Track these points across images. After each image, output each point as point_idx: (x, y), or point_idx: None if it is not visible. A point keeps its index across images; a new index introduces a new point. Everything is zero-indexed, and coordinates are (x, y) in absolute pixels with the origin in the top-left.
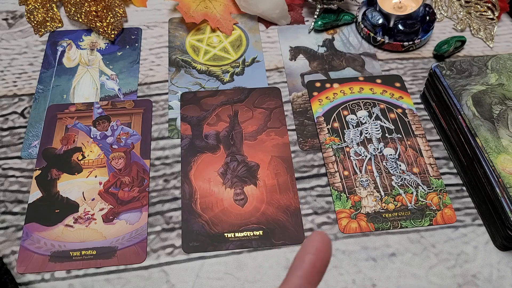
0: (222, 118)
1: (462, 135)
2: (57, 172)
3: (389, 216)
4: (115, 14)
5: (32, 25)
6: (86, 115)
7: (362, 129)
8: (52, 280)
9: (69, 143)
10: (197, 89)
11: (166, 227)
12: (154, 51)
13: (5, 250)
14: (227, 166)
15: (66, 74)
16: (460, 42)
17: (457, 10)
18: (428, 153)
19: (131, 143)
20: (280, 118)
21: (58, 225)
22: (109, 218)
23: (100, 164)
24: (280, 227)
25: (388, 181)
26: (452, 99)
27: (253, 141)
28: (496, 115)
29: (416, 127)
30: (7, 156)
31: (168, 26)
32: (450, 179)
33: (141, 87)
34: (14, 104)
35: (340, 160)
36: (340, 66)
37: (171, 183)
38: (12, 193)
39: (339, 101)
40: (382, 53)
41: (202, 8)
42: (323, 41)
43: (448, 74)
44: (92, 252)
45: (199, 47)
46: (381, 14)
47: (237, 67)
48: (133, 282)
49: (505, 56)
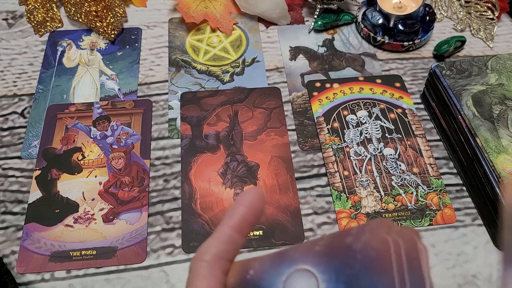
0: (222, 118)
1: (462, 135)
2: (57, 172)
3: (389, 216)
4: (115, 14)
5: (32, 25)
6: (86, 115)
7: (362, 129)
8: (52, 280)
9: (69, 143)
10: (197, 89)
11: (166, 227)
12: (154, 51)
13: (5, 250)
14: (227, 166)
15: (66, 74)
16: (460, 42)
17: (457, 10)
18: (428, 153)
19: (131, 143)
20: (280, 118)
21: (58, 225)
22: (109, 218)
23: (100, 164)
24: (280, 227)
25: (388, 181)
26: (452, 99)
27: (253, 141)
28: (496, 115)
29: (416, 127)
30: (7, 156)
31: (168, 26)
32: (450, 179)
33: (141, 87)
34: (14, 104)
35: (340, 160)
36: (340, 66)
37: (171, 183)
38: (12, 193)
39: (339, 101)
40: (382, 53)
41: (202, 8)
42: (323, 41)
43: (448, 74)
44: (92, 252)
45: (199, 47)
46: (381, 14)
47: (237, 67)
48: (133, 282)
49: (505, 56)
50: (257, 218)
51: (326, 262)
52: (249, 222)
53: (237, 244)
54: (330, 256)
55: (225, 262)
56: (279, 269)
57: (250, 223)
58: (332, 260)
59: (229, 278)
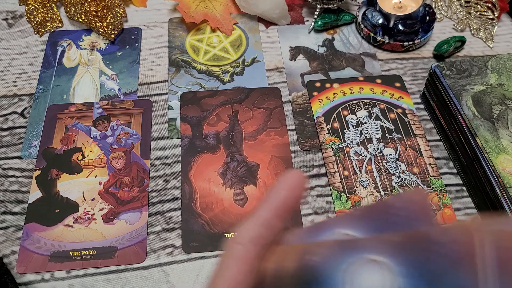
0: (222, 118)
1: (462, 135)
2: (57, 172)
3: None
4: (115, 14)
5: (32, 25)
6: (86, 115)
7: (362, 129)
8: (52, 280)
9: (69, 143)
10: (197, 89)
11: (166, 227)
12: (154, 51)
13: (5, 250)
14: (227, 166)
15: (66, 74)
16: (460, 42)
17: (457, 10)
18: (428, 153)
19: (131, 143)
20: (280, 118)
21: (58, 225)
22: (109, 218)
23: (100, 164)
24: None
25: (388, 181)
26: (452, 99)
27: (253, 141)
28: (496, 115)
29: (416, 127)
30: (7, 156)
31: (168, 26)
32: (450, 179)
33: (141, 87)
34: (14, 104)
35: (340, 160)
36: (340, 66)
37: (171, 183)
38: (12, 193)
39: (339, 101)
40: (382, 53)
41: (202, 8)
42: (323, 41)
43: (448, 74)
44: (92, 252)
45: (199, 47)
46: (381, 14)
47: (237, 67)
48: (133, 282)
49: (505, 56)
50: (297, 203)
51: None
52: (289, 206)
53: (275, 229)
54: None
55: (260, 246)
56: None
57: (289, 207)
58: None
59: (269, 263)
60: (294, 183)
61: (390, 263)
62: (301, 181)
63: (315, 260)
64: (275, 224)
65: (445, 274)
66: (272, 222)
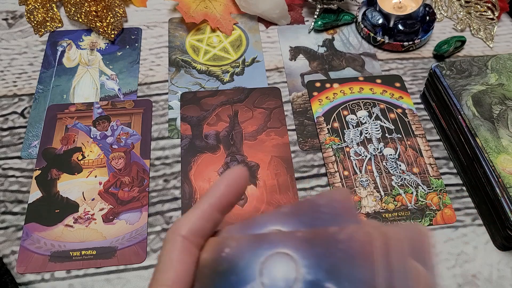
0: (222, 118)
1: (462, 135)
2: (57, 172)
3: (389, 216)
4: (115, 14)
5: (32, 25)
6: (86, 115)
7: (362, 129)
8: (52, 280)
9: (69, 143)
10: (197, 89)
11: (166, 227)
12: (154, 51)
13: (5, 250)
14: (227, 166)
15: (66, 74)
16: (460, 42)
17: (457, 10)
18: (428, 153)
19: (131, 143)
20: (280, 118)
21: (58, 225)
22: (109, 218)
23: (100, 164)
24: None
25: (388, 181)
26: (452, 99)
27: (253, 141)
28: (496, 115)
29: (416, 127)
30: (7, 156)
31: (168, 26)
32: (450, 179)
33: (141, 87)
34: (14, 104)
35: (340, 160)
36: (340, 66)
37: (171, 183)
38: (12, 193)
39: (339, 101)
40: (382, 53)
41: (202, 8)
42: (323, 41)
43: (448, 74)
44: (92, 252)
45: (199, 47)
46: (381, 14)
47: (237, 67)
48: (133, 282)
49: (505, 56)
50: (238, 198)
51: (307, 248)
52: (230, 201)
53: (215, 222)
54: (311, 243)
55: (201, 238)
56: (258, 251)
57: (230, 202)
58: (314, 247)
59: (203, 253)
60: (234, 178)
61: (296, 256)
62: (242, 177)
63: (227, 252)
64: (216, 218)
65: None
66: (212, 216)
